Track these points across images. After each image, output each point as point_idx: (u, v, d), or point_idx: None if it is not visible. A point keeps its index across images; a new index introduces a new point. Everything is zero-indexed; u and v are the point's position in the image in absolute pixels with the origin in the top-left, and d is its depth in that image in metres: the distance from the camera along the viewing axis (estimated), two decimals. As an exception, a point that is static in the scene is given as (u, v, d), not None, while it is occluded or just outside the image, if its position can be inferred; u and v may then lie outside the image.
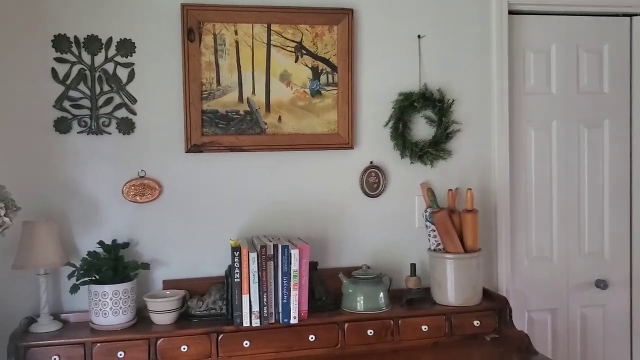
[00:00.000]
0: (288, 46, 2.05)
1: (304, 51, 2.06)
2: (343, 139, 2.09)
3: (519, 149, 2.32)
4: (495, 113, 2.24)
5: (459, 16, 2.20)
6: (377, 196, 2.16)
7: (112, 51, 1.93)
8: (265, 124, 2.05)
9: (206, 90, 1.99)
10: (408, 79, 2.16)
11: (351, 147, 2.10)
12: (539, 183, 2.35)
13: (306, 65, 2.07)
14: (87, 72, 1.91)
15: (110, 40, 1.93)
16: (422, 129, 2.19)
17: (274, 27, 2.03)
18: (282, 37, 2.04)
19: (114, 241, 1.90)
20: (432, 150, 2.14)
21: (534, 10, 2.30)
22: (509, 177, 2.27)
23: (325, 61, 2.08)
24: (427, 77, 2.18)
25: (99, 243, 1.87)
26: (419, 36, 2.16)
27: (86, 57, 1.91)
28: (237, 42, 2.01)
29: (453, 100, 2.18)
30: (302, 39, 2.06)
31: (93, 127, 1.92)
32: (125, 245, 1.91)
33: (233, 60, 2.01)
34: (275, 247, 1.82)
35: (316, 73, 2.08)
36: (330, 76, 2.09)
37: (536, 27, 2.32)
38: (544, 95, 2.35)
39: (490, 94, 2.24)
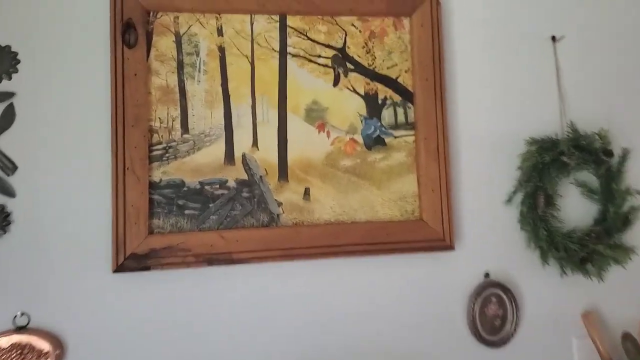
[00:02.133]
0: (320, 56, 1.08)
1: (349, 65, 1.08)
2: (433, 231, 1.06)
3: None
4: (694, 171, 1.24)
5: (611, 7, 1.25)
6: (502, 343, 1.09)
7: (-31, 70, 0.96)
8: (279, 205, 1.03)
9: (160, 143, 0.99)
10: (540, 112, 1.17)
11: (449, 247, 1.07)
12: None
13: (355, 92, 1.08)
14: None
15: (-34, 49, 0.97)
16: (571, 204, 1.17)
17: (291, 21, 1.07)
18: (309, 39, 1.07)
19: None
20: (605, 249, 1.10)
21: None
22: None
23: (391, 82, 1.10)
24: (570, 109, 1.19)
25: None
26: (553, 38, 1.20)
27: None
28: (221, 49, 1.04)
29: (628, 151, 1.18)
30: (345, 43, 1.09)
31: None
32: None
33: (214, 83, 1.03)
34: None
35: (374, 105, 1.09)
36: (400, 110, 1.10)
37: None
38: None
39: (679, 137, 1.25)
